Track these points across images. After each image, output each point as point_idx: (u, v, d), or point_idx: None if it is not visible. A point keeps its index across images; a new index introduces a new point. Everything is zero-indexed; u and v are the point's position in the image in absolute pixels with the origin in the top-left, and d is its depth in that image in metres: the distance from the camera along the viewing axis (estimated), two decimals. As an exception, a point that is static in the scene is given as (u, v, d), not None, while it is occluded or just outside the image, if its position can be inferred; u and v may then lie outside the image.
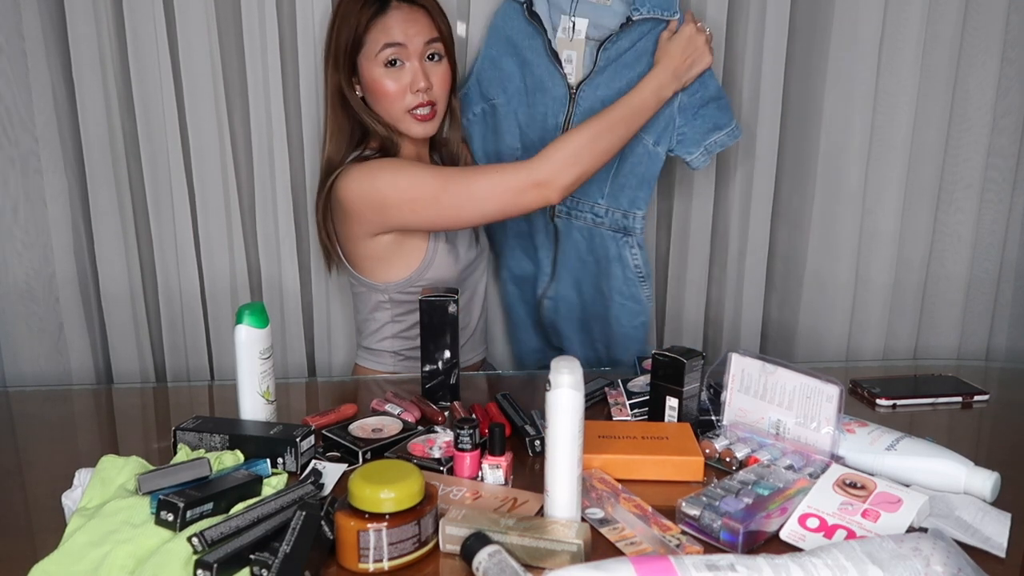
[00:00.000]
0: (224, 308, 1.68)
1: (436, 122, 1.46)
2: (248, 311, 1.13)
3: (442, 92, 1.44)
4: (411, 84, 1.40)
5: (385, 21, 1.39)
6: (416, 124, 1.42)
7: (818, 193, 1.74)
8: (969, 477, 1.00)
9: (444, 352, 1.28)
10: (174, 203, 1.62)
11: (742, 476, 1.00)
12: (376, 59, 1.39)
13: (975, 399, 1.33)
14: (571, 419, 0.91)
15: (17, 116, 1.54)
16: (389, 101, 1.41)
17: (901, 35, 1.63)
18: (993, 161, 1.74)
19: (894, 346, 1.82)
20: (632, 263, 1.58)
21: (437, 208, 1.37)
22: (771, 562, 0.78)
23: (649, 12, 1.46)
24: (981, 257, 1.80)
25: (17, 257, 1.60)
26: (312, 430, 1.09)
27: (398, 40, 1.38)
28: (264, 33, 1.57)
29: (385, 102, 1.42)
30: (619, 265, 1.58)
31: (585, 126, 1.38)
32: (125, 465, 1.01)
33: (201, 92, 1.58)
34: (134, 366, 1.70)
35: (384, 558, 0.85)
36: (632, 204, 1.55)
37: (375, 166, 1.40)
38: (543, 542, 0.86)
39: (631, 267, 1.58)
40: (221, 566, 0.82)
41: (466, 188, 1.37)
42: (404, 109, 1.41)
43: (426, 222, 1.39)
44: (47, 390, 1.56)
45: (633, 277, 1.58)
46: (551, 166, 1.34)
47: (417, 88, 1.40)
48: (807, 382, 1.08)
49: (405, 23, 1.39)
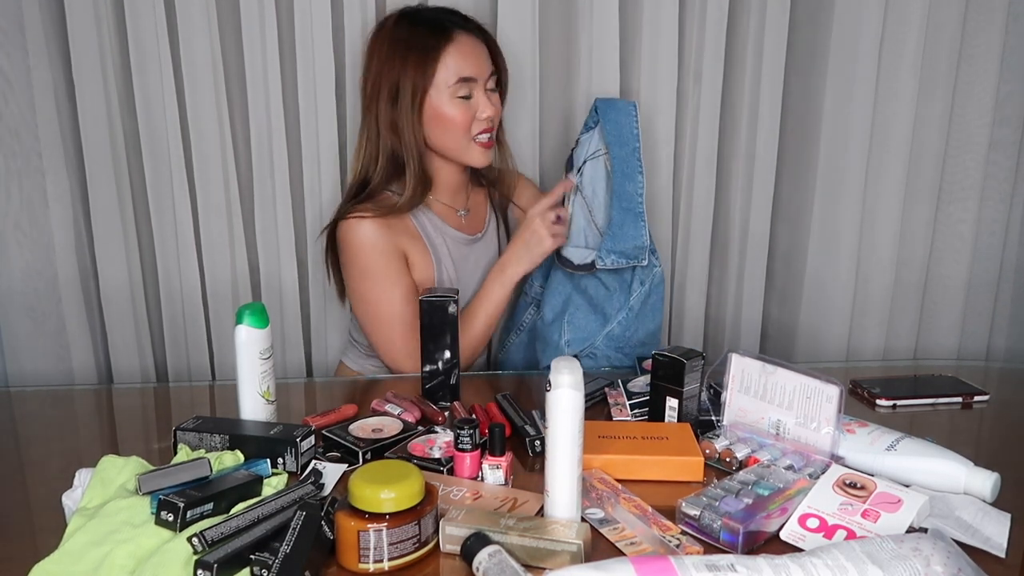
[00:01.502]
0: (225, 308, 1.68)
1: (494, 151, 1.50)
2: (248, 311, 1.13)
3: (498, 121, 1.50)
4: (478, 114, 1.44)
5: (458, 52, 1.41)
6: (480, 151, 1.46)
7: (818, 193, 1.74)
8: (969, 477, 1.00)
9: (444, 352, 1.28)
10: (175, 203, 1.62)
11: (742, 476, 1.00)
12: (448, 91, 1.41)
13: (975, 399, 1.33)
14: (571, 419, 0.91)
15: (18, 115, 1.54)
16: (457, 130, 1.44)
17: (901, 35, 1.64)
18: (993, 158, 1.74)
19: (894, 346, 1.82)
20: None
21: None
22: (771, 562, 0.78)
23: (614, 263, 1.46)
24: (981, 257, 1.80)
25: (18, 256, 1.60)
26: (312, 430, 1.09)
27: (473, 75, 1.42)
28: (264, 32, 1.57)
29: (453, 131, 1.44)
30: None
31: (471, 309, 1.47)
32: (125, 465, 1.01)
33: (201, 91, 1.58)
34: (135, 365, 1.70)
35: (384, 558, 0.85)
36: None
37: (360, 260, 1.44)
38: (543, 542, 0.86)
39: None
40: (221, 566, 0.82)
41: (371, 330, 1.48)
42: (469, 138, 1.45)
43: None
44: (48, 390, 1.56)
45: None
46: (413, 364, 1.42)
47: (485, 116, 1.44)
48: (807, 382, 1.08)
49: (476, 55, 1.43)
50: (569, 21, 1.66)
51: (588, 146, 1.53)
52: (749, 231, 1.79)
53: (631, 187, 1.47)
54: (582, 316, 1.52)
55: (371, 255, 1.43)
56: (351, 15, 1.59)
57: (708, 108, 1.72)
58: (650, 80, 1.69)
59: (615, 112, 1.51)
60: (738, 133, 1.75)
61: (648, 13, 1.65)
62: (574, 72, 1.68)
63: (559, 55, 1.69)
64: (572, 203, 1.52)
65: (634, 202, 1.47)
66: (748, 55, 1.70)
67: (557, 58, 1.69)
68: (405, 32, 1.43)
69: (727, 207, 1.80)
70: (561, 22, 1.67)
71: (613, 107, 1.52)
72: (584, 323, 1.52)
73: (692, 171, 1.76)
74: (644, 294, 1.49)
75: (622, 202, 1.47)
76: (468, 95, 1.43)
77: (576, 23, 1.66)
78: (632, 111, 1.51)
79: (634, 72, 1.69)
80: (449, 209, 1.55)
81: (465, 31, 1.44)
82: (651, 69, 1.68)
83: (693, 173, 1.76)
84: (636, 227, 1.46)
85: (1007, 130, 1.73)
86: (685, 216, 1.78)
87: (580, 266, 1.48)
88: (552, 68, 1.69)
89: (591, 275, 1.50)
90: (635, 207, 1.47)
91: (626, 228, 1.46)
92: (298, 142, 1.65)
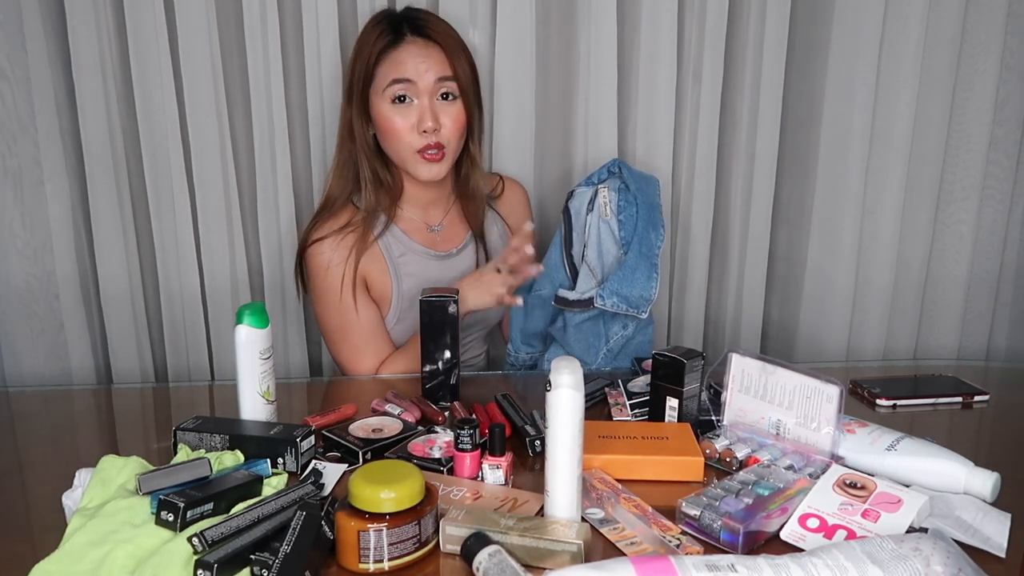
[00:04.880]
0: (224, 308, 1.68)
1: (445, 165, 1.42)
2: (248, 311, 1.13)
3: (453, 134, 1.40)
4: (418, 123, 1.37)
5: (397, 55, 1.37)
6: (423, 165, 1.39)
7: (818, 193, 1.74)
8: (969, 477, 1.00)
9: (444, 352, 1.28)
10: (175, 203, 1.62)
11: (742, 476, 1.00)
12: (384, 94, 1.37)
13: (975, 399, 1.33)
14: (571, 419, 0.91)
15: (18, 116, 1.54)
16: (396, 138, 1.39)
17: (901, 35, 1.64)
18: (993, 158, 1.74)
19: (894, 346, 1.82)
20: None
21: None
22: (771, 562, 0.78)
23: (614, 307, 1.38)
24: (981, 257, 1.80)
25: (18, 257, 1.60)
26: (312, 430, 1.09)
27: (407, 76, 1.36)
28: (265, 32, 1.57)
29: (392, 139, 1.40)
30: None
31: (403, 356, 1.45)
32: (125, 465, 1.01)
33: (202, 91, 1.58)
34: (134, 366, 1.70)
35: (384, 558, 0.85)
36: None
37: (316, 285, 1.45)
38: (543, 542, 0.86)
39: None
40: (221, 566, 0.82)
41: (333, 351, 1.50)
42: (412, 149, 1.39)
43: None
44: (47, 390, 1.56)
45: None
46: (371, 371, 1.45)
47: (424, 128, 1.37)
48: (807, 382, 1.08)
49: (417, 58, 1.37)
50: (568, 22, 1.66)
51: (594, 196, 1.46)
52: (749, 231, 1.79)
53: (654, 236, 1.42)
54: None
55: (326, 277, 1.43)
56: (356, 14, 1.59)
57: (708, 108, 1.72)
58: (650, 80, 1.69)
59: (639, 174, 1.49)
60: (738, 133, 1.75)
61: (647, 13, 1.65)
62: (574, 72, 1.68)
63: (558, 55, 1.69)
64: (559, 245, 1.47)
65: (653, 251, 1.41)
66: (748, 55, 1.70)
67: (557, 58, 1.69)
68: (365, 33, 1.42)
69: (727, 207, 1.80)
70: (560, 23, 1.67)
71: (636, 172, 1.49)
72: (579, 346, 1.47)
73: (692, 171, 1.76)
74: (625, 338, 1.44)
75: (642, 247, 1.41)
76: (403, 97, 1.37)
77: (575, 24, 1.65)
78: (657, 184, 1.49)
79: (634, 72, 1.69)
80: (418, 224, 1.51)
81: (420, 35, 1.39)
82: (651, 69, 1.68)
83: (693, 173, 1.76)
84: (648, 277, 1.40)
85: (1007, 130, 1.73)
86: (685, 216, 1.78)
87: (574, 302, 1.40)
88: (551, 68, 1.69)
89: (576, 312, 1.42)
90: (652, 257, 1.41)
91: (638, 274, 1.39)
92: (300, 141, 1.65)
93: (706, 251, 1.81)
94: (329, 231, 1.43)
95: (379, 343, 1.47)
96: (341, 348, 1.48)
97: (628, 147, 1.73)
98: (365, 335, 1.45)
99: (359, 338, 1.45)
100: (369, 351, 1.45)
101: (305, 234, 1.46)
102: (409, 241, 1.49)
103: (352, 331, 1.45)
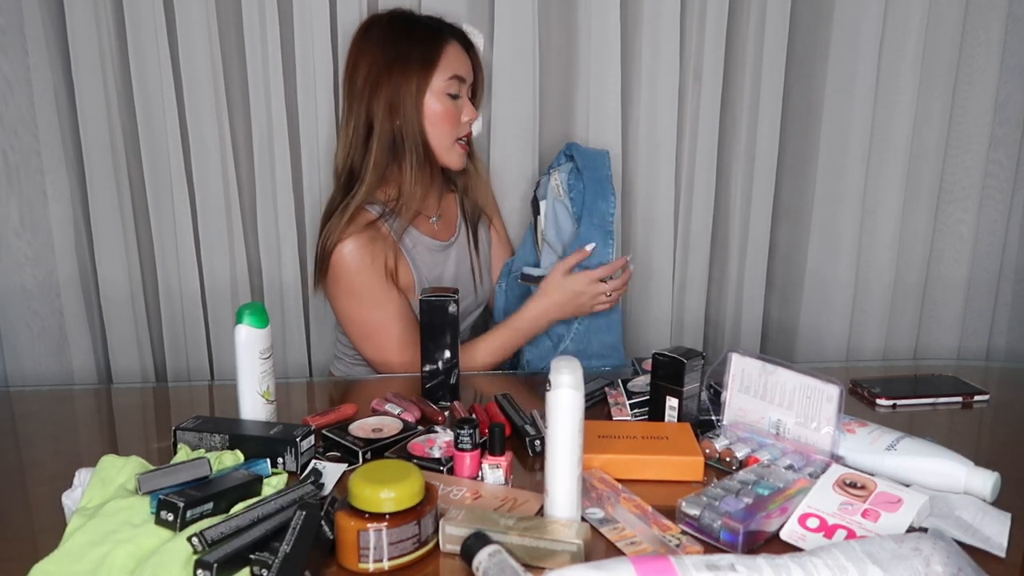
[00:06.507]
0: (224, 308, 1.68)
1: (466, 157, 1.52)
2: (248, 311, 1.13)
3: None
4: (462, 116, 1.47)
5: (455, 51, 1.46)
6: (458, 153, 1.49)
7: (818, 193, 1.74)
8: (969, 477, 1.00)
9: (444, 352, 1.28)
10: (174, 203, 1.62)
11: (742, 476, 1.00)
12: (445, 83, 1.43)
13: (975, 399, 1.33)
14: (571, 419, 0.90)
15: (18, 115, 1.54)
16: (451, 125, 1.46)
17: (901, 35, 1.64)
18: (993, 158, 1.74)
19: (894, 346, 1.82)
20: None
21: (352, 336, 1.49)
22: (771, 562, 0.78)
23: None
24: (981, 257, 1.80)
25: (18, 257, 1.60)
26: (312, 430, 1.09)
27: (460, 74, 1.45)
28: (265, 32, 1.57)
29: (446, 126, 1.46)
30: None
31: (479, 348, 1.48)
32: (125, 465, 1.01)
33: (201, 91, 1.58)
34: (134, 366, 1.70)
35: (384, 558, 0.85)
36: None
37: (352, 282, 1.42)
38: (543, 542, 0.86)
39: None
40: (221, 566, 0.82)
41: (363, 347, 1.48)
42: (455, 137, 1.47)
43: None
44: (48, 390, 1.56)
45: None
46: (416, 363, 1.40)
47: (467, 119, 1.48)
48: (807, 382, 1.08)
49: (465, 60, 1.48)
50: (570, 22, 1.66)
51: (550, 181, 1.57)
52: (749, 231, 1.79)
53: (603, 206, 1.50)
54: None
55: (357, 275, 1.42)
56: (350, 15, 1.59)
57: (708, 108, 1.72)
58: (650, 80, 1.69)
59: (586, 151, 1.57)
60: (738, 133, 1.75)
61: (648, 12, 1.65)
62: (574, 72, 1.68)
63: (559, 55, 1.69)
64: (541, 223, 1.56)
65: (605, 220, 1.49)
66: (748, 55, 1.70)
67: (557, 58, 1.69)
68: (404, 31, 1.44)
69: (727, 207, 1.80)
70: (561, 23, 1.67)
71: (584, 150, 1.57)
72: (540, 340, 1.55)
73: (692, 171, 1.76)
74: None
75: (593, 218, 1.49)
76: (456, 95, 1.45)
77: (576, 23, 1.66)
78: (606, 156, 1.56)
79: (634, 72, 1.69)
80: (421, 216, 1.52)
81: (455, 38, 1.47)
82: (651, 68, 1.68)
83: (693, 173, 1.76)
84: (604, 243, 1.48)
85: (1007, 130, 1.73)
86: (685, 216, 1.78)
87: (538, 278, 1.49)
88: (552, 68, 1.69)
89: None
90: (606, 225, 1.49)
91: (593, 244, 1.47)
92: (299, 141, 1.65)
93: (706, 251, 1.81)
94: (358, 228, 1.42)
95: (417, 335, 1.47)
96: (383, 343, 1.45)
97: (630, 148, 1.73)
98: (409, 327, 1.45)
99: (402, 330, 1.45)
100: (413, 342, 1.44)
101: (330, 234, 1.42)
102: (417, 233, 1.51)
103: (394, 324, 1.45)
